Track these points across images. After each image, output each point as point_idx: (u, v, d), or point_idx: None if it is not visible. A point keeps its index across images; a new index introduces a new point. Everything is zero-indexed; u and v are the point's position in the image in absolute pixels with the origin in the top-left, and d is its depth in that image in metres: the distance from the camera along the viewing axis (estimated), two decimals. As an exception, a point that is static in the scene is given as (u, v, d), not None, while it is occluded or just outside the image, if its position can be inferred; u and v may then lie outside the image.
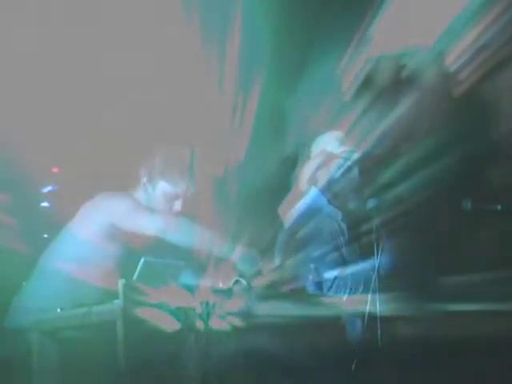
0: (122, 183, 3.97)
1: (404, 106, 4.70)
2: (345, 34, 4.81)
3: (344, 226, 3.96)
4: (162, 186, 3.83)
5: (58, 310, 3.42)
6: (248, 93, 4.91)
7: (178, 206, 3.84)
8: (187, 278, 3.52)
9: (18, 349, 3.55)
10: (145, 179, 3.86)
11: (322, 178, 4.02)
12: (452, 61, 4.80)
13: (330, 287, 3.77)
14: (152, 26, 4.63)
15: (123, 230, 3.66)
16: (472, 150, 4.61)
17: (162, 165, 3.85)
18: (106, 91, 4.52)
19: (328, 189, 4.01)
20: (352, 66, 4.91)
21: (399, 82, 4.88)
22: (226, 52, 4.85)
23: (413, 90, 4.81)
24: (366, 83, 4.92)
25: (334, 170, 4.01)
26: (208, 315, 3.22)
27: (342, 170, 4.00)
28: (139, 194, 3.87)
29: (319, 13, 4.92)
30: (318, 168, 4.03)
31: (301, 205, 4.05)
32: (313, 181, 4.04)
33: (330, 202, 3.99)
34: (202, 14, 4.77)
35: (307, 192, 4.06)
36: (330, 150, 4.02)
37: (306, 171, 4.07)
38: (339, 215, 3.97)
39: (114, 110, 4.55)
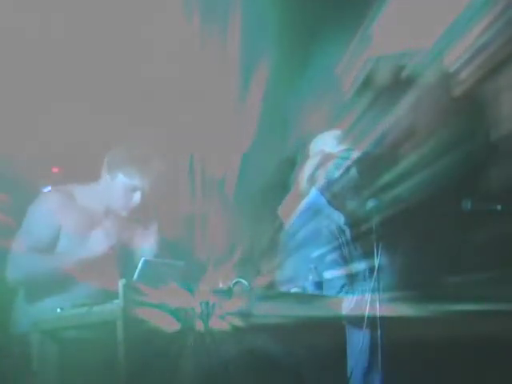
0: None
1: (404, 106, 4.70)
2: (345, 33, 4.81)
3: (344, 225, 3.96)
4: (120, 179, 3.87)
5: (58, 310, 3.42)
6: (248, 93, 4.91)
7: (136, 198, 3.88)
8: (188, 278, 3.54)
9: (18, 349, 3.56)
10: (105, 170, 3.90)
11: (321, 178, 4.02)
12: (452, 61, 4.80)
13: (330, 287, 3.77)
14: (150, 20, 4.63)
15: None
16: (472, 150, 4.61)
17: (119, 157, 3.89)
18: (106, 90, 4.52)
19: (327, 188, 4.01)
20: (352, 66, 4.91)
21: (399, 82, 4.88)
22: (226, 52, 4.85)
23: (412, 90, 4.81)
24: (366, 83, 4.92)
25: (332, 169, 4.00)
26: (208, 315, 3.22)
27: (340, 169, 4.00)
28: (101, 185, 3.92)
29: (319, 13, 4.92)
30: (317, 168, 4.02)
31: (301, 205, 4.05)
32: (312, 181, 4.04)
33: (329, 201, 3.99)
34: (203, 14, 4.77)
35: (307, 192, 4.05)
36: (328, 150, 4.01)
37: (304, 171, 4.06)
38: (339, 215, 3.96)
39: (114, 109, 4.55)
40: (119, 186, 3.87)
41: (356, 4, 4.82)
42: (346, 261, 3.87)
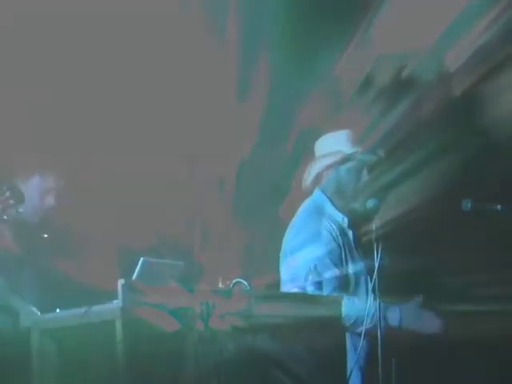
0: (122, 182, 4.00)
1: (404, 106, 4.70)
2: (345, 33, 4.81)
3: (347, 228, 3.94)
4: (34, 181, 3.86)
5: (58, 310, 3.42)
6: (249, 93, 4.91)
7: (51, 199, 3.88)
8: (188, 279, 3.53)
9: (18, 349, 3.56)
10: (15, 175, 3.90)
11: (329, 178, 3.99)
12: (452, 61, 4.80)
13: (330, 287, 3.76)
14: (150, 19, 4.63)
15: None
16: (472, 150, 4.61)
17: (30, 162, 3.87)
18: (105, 89, 4.51)
19: (333, 189, 3.99)
20: (352, 66, 4.91)
21: (399, 82, 4.88)
22: (226, 51, 4.85)
23: (413, 91, 4.81)
24: (367, 83, 4.92)
25: (344, 169, 3.97)
26: (208, 315, 3.22)
27: (351, 171, 3.97)
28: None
29: (319, 12, 4.92)
30: (329, 166, 3.98)
31: (303, 205, 4.04)
32: (318, 180, 4.02)
33: (333, 202, 3.98)
34: (203, 12, 4.77)
35: (310, 192, 4.04)
36: (346, 151, 3.97)
37: (311, 170, 4.03)
38: (343, 217, 3.95)
39: (115, 108, 4.55)
40: (32, 190, 3.87)
41: (356, 3, 4.82)
42: (346, 260, 3.86)
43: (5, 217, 3.33)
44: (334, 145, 4.02)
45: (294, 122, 4.88)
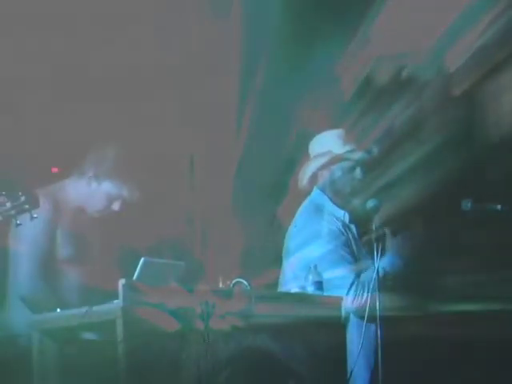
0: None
1: (404, 106, 4.71)
2: (345, 33, 4.81)
3: (349, 223, 3.95)
4: (107, 186, 3.85)
5: (58, 309, 3.42)
6: (248, 92, 4.91)
7: (116, 206, 3.88)
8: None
9: (18, 349, 3.56)
10: (91, 174, 3.88)
11: (325, 177, 4.00)
12: (452, 61, 4.81)
13: (330, 287, 3.76)
14: (150, 19, 4.63)
15: None
16: (472, 150, 4.62)
17: (111, 165, 3.87)
18: (105, 89, 4.51)
19: (331, 188, 4.00)
20: (352, 66, 4.91)
21: (399, 83, 4.88)
22: (226, 51, 4.85)
23: (413, 90, 4.82)
24: (367, 83, 4.93)
25: (338, 168, 3.98)
26: (208, 315, 3.22)
27: (346, 169, 3.98)
28: (81, 185, 3.90)
29: (319, 12, 4.92)
30: (322, 168, 4.00)
31: (302, 204, 4.04)
32: (314, 180, 4.03)
33: (332, 200, 3.98)
34: (203, 12, 4.77)
35: (307, 191, 4.05)
36: (336, 151, 3.98)
37: (306, 170, 4.04)
38: (344, 213, 3.96)
39: (113, 108, 4.55)
40: (103, 192, 3.86)
41: (356, 4, 4.83)
42: (346, 260, 3.86)
43: (18, 221, 3.31)
44: (325, 145, 4.03)
45: (294, 122, 4.88)
